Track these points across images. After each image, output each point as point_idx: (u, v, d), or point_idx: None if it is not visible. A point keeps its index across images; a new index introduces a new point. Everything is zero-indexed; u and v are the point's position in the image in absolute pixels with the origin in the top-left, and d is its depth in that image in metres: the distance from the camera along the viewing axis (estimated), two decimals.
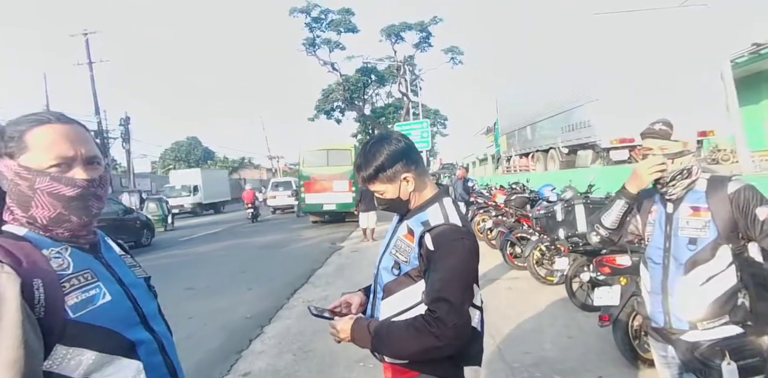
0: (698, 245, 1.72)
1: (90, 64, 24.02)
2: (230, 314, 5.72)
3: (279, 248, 11.48)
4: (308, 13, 32.85)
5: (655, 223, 1.86)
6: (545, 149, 14.58)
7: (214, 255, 11.05)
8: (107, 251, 1.10)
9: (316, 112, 37.74)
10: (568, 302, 5.06)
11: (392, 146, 1.42)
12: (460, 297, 1.27)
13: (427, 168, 1.52)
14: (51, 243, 0.96)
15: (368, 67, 36.04)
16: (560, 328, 4.49)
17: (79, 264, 0.97)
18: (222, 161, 59.99)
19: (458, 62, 36.38)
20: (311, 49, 34.22)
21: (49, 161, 0.96)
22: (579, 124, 11.61)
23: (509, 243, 7.17)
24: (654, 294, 1.84)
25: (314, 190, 15.83)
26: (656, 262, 1.83)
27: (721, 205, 1.70)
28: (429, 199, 1.45)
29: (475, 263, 1.33)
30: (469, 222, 1.47)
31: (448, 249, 1.29)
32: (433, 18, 34.47)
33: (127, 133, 26.63)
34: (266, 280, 7.66)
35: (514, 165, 18.65)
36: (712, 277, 1.70)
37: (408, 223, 1.45)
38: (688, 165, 1.77)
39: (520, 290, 6.00)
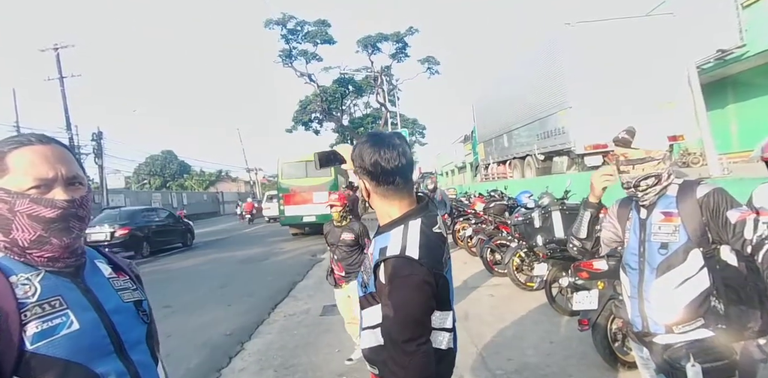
0: (669, 249, 1.75)
1: (61, 79, 23.51)
2: (210, 331, 5.60)
3: (259, 262, 11.33)
4: (284, 25, 32.93)
5: (631, 229, 1.90)
6: (522, 156, 14.78)
7: (192, 270, 10.83)
8: (92, 275, 1.06)
9: (294, 123, 37.70)
10: (549, 307, 5.10)
11: (369, 149, 1.34)
12: (409, 335, 1.24)
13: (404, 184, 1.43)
14: (22, 268, 0.95)
15: (345, 77, 36.21)
16: (542, 334, 4.52)
17: (49, 290, 0.94)
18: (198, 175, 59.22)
19: (435, 72, 36.84)
20: (288, 60, 34.26)
21: (29, 183, 0.95)
22: (554, 131, 11.81)
23: (489, 250, 7.22)
24: (632, 299, 1.87)
25: (294, 202, 15.72)
26: (633, 268, 1.86)
27: (690, 209, 1.74)
28: (396, 220, 1.38)
29: (424, 298, 1.25)
30: (438, 243, 1.37)
31: (397, 285, 1.25)
32: (408, 29, 34.90)
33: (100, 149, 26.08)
34: (246, 294, 7.54)
35: (492, 172, 18.84)
36: (684, 280, 1.73)
37: (376, 241, 1.41)
38: (654, 171, 1.80)
39: (501, 297, 6.03)
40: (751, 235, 1.63)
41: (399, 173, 1.34)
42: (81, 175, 1.03)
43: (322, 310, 6.10)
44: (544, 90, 12.16)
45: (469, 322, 5.05)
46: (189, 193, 47.87)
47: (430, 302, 1.28)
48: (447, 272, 1.39)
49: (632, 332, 1.92)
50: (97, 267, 1.10)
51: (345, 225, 4.36)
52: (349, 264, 4.26)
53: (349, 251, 4.27)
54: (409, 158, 1.36)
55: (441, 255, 1.35)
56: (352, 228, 4.30)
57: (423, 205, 1.42)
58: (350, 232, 4.26)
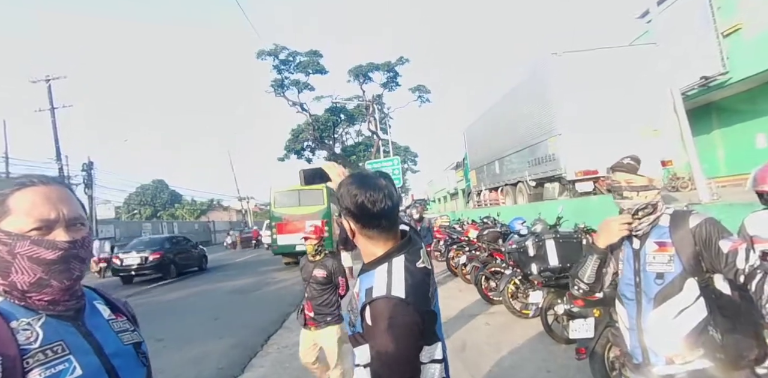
0: (665, 279, 1.76)
1: (52, 110, 23.57)
2: (202, 365, 5.47)
3: (251, 292, 11.16)
4: (276, 56, 33.53)
5: (624, 259, 1.91)
6: (514, 183, 14.90)
7: (184, 302, 10.64)
8: (92, 317, 1.05)
9: (286, 152, 37.89)
10: (545, 336, 5.05)
11: (355, 190, 1.32)
12: (397, 376, 1.24)
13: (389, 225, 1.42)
14: (23, 313, 0.93)
15: (337, 106, 36.72)
16: (539, 363, 4.46)
17: (51, 335, 0.92)
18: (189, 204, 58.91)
19: (425, 100, 37.51)
20: (280, 90, 34.75)
21: (30, 224, 0.94)
22: (544, 158, 11.97)
23: (484, 277, 7.18)
24: (630, 330, 1.86)
25: (286, 230, 15.62)
26: (629, 298, 1.86)
27: (684, 239, 1.76)
28: (380, 257, 1.37)
29: (411, 339, 1.26)
30: (424, 278, 1.37)
31: (383, 327, 1.24)
32: (399, 58, 35.70)
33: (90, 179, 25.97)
34: (239, 326, 7.40)
35: (484, 199, 18.93)
36: (682, 310, 1.73)
37: (360, 280, 1.40)
38: (653, 200, 1.83)
39: (498, 325, 5.97)
40: (743, 265, 1.65)
41: (384, 216, 1.33)
42: (82, 216, 1.03)
43: None
44: (534, 117, 12.40)
45: (466, 352, 4.98)
46: (180, 222, 47.49)
47: (417, 342, 1.28)
48: (434, 306, 1.39)
49: (631, 363, 1.91)
50: (96, 308, 1.09)
51: (318, 260, 4.06)
52: (319, 304, 3.95)
53: (320, 290, 3.96)
54: (395, 200, 1.34)
55: (427, 290, 1.35)
56: (325, 264, 3.98)
57: (406, 241, 1.41)
58: (323, 269, 3.97)
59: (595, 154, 10.25)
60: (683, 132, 6.41)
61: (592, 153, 10.24)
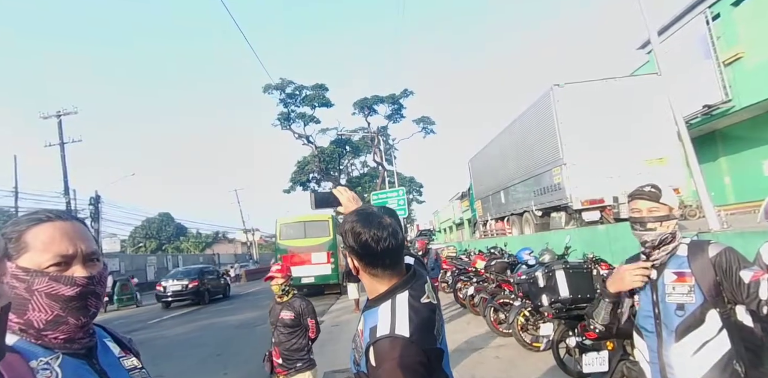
0: (686, 311, 1.70)
1: (62, 145, 23.97)
2: None
3: (255, 326, 10.96)
4: (282, 90, 34.27)
5: (642, 290, 1.85)
6: (520, 212, 14.84)
7: (185, 337, 10.45)
8: (104, 355, 1.02)
9: (292, 183, 38.17)
10: (557, 369, 4.89)
11: (358, 228, 1.31)
12: None
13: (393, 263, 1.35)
14: (41, 352, 0.90)
15: (343, 138, 37.18)
16: None
17: (69, 375, 0.90)
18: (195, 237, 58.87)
19: (430, 131, 37.91)
20: (286, 123, 35.33)
21: (49, 260, 0.92)
22: (550, 187, 11.96)
23: (493, 309, 7.04)
24: (652, 364, 1.79)
25: (292, 262, 15.51)
26: (649, 331, 1.80)
27: (704, 269, 1.71)
28: (383, 294, 1.34)
29: (416, 375, 1.21)
30: (429, 314, 1.33)
31: (388, 368, 1.21)
32: (404, 91, 36.39)
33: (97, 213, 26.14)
34: (242, 362, 7.22)
35: (490, 229, 18.83)
36: (705, 343, 1.67)
37: (364, 317, 1.38)
38: (673, 230, 1.80)
39: (508, 358, 5.80)
40: (766, 296, 1.59)
41: (388, 254, 1.31)
42: (98, 251, 1.02)
43: (323, 377, 5.82)
44: (538, 147, 12.48)
45: None
46: (184, 255, 47.35)
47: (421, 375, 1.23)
48: (441, 342, 1.35)
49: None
50: (107, 346, 1.07)
51: (285, 301, 3.81)
52: (287, 349, 3.72)
53: (288, 333, 3.72)
54: (399, 238, 1.32)
55: (433, 327, 1.31)
56: (293, 305, 3.72)
57: (410, 276, 1.37)
58: (290, 310, 3.74)
59: (600, 183, 10.23)
60: (689, 159, 6.39)
61: (598, 182, 10.23)
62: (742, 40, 11.23)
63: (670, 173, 9.94)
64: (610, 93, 10.77)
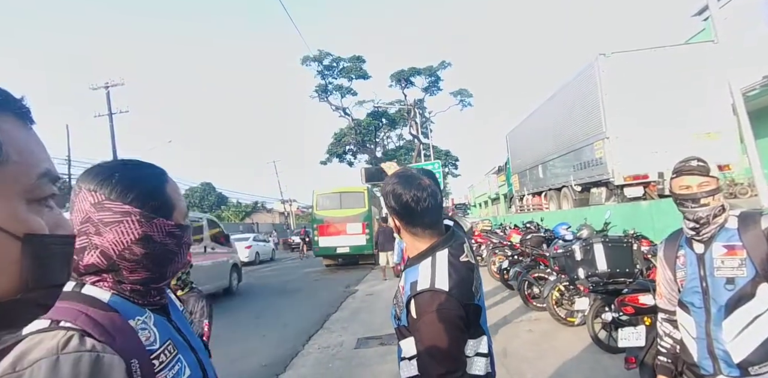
0: (736, 285, 1.66)
1: (110, 115, 24.76)
2: (244, 363, 5.59)
3: (293, 293, 11.35)
4: (320, 62, 34.17)
5: (687, 266, 1.80)
6: (558, 188, 14.55)
7: (226, 300, 10.92)
8: (174, 309, 1.00)
9: (329, 155, 38.42)
10: (591, 344, 4.88)
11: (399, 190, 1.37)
12: (444, 369, 1.25)
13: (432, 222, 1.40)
14: (136, 311, 0.85)
15: (379, 111, 36.97)
16: (586, 373, 4.32)
17: (163, 335, 0.86)
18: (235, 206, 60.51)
19: (467, 104, 37.25)
20: (323, 95, 35.37)
21: (183, 216, 0.93)
22: (591, 162, 11.63)
23: (527, 283, 7.02)
24: (699, 339, 1.76)
25: (328, 233, 15.84)
26: (697, 307, 1.76)
27: (756, 241, 1.65)
28: (423, 252, 1.40)
29: (456, 332, 1.28)
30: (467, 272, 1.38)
31: (428, 320, 1.27)
32: (441, 62, 35.66)
33: None
34: (280, 326, 7.53)
35: (527, 204, 18.57)
36: (756, 317, 1.64)
37: (405, 274, 1.44)
38: (722, 202, 1.74)
39: (541, 332, 5.81)
40: None
41: (428, 214, 1.37)
42: None
43: (357, 343, 6.02)
44: (580, 121, 12.08)
45: (508, 358, 4.87)
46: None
47: (463, 335, 1.30)
48: (479, 300, 1.40)
49: (692, 372, 1.81)
50: (173, 302, 1.04)
51: (180, 296, 3.34)
52: None
53: None
54: (438, 199, 1.38)
55: (471, 284, 1.37)
56: (187, 302, 3.06)
57: (449, 235, 1.43)
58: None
59: (645, 158, 9.86)
60: (744, 134, 6.08)
61: (642, 157, 9.86)
62: None
63: (721, 149, 9.48)
64: (660, 63, 10.22)
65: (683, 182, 1.78)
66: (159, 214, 0.87)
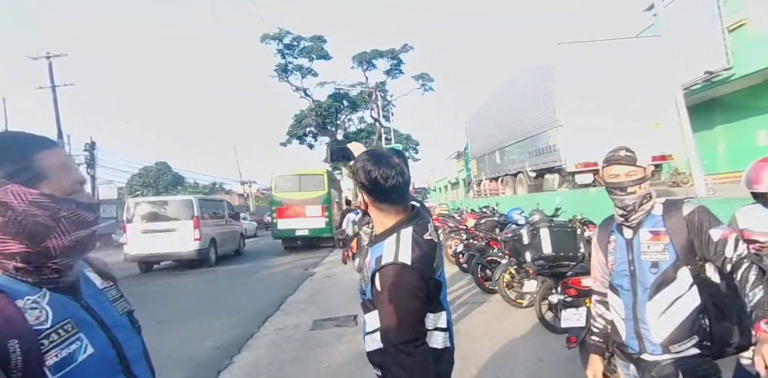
0: (660, 268, 1.77)
1: (53, 88, 23.41)
2: (197, 345, 5.55)
3: (249, 275, 11.26)
4: (280, 40, 33.28)
5: (617, 250, 1.90)
6: (514, 173, 14.91)
7: (180, 284, 10.73)
8: (87, 287, 0.98)
9: (289, 137, 37.82)
10: (539, 325, 5.10)
11: (369, 167, 1.43)
12: (406, 337, 1.34)
13: (399, 199, 1.48)
14: (27, 290, 0.84)
15: (340, 93, 36.51)
16: (531, 351, 4.52)
17: (59, 313, 0.86)
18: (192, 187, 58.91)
19: (429, 89, 37.24)
20: (283, 75, 34.59)
21: (69, 187, 0.89)
22: (545, 149, 11.96)
23: (480, 266, 7.22)
24: (626, 320, 1.86)
25: (286, 215, 15.72)
26: (626, 289, 1.86)
27: (678, 228, 1.77)
28: (389, 229, 1.48)
29: (417, 302, 1.36)
30: (429, 249, 1.46)
31: (392, 291, 1.35)
32: (403, 46, 35.40)
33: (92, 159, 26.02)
34: (236, 308, 7.48)
35: (484, 189, 18.96)
36: (676, 299, 1.75)
37: (371, 250, 1.51)
38: (648, 190, 1.85)
39: (492, 314, 6.03)
40: (732, 254, 1.68)
41: (396, 191, 1.44)
42: None
43: (313, 325, 6.07)
44: (536, 108, 12.35)
45: (459, 338, 4.98)
46: None
47: (423, 306, 1.38)
48: (440, 276, 1.49)
49: (620, 351, 1.92)
50: (88, 278, 1.03)
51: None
52: None
53: None
54: (406, 177, 1.46)
55: (432, 260, 1.45)
56: None
57: (414, 214, 1.52)
58: None
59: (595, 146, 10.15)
60: (683, 127, 6.41)
61: (593, 145, 10.19)
62: (746, 7, 10.89)
63: (665, 139, 9.93)
64: (611, 54, 10.55)
65: (612, 171, 1.88)
66: (18, 180, 0.83)
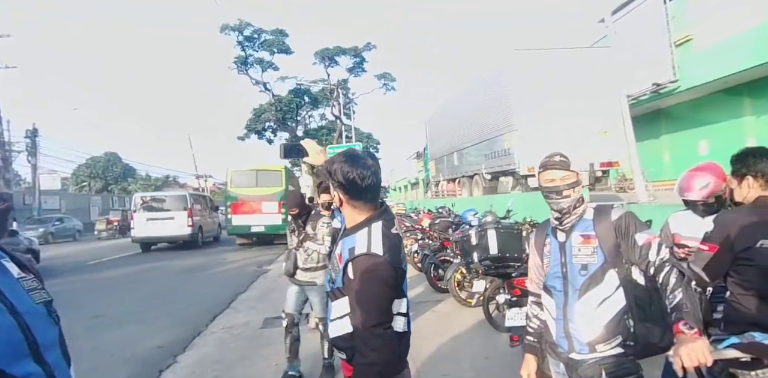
0: (589, 270, 1.84)
1: None
2: (140, 343, 5.37)
3: (200, 272, 10.99)
4: (240, 32, 32.60)
5: (551, 253, 1.97)
6: (470, 175, 15.15)
7: (126, 280, 10.36)
8: (2, 276, 1.04)
9: (247, 131, 37.07)
10: (486, 324, 5.23)
11: (346, 168, 1.55)
12: (376, 321, 1.46)
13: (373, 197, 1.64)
14: None
15: (301, 88, 36.14)
16: (478, 350, 4.63)
17: None
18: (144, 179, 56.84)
19: (391, 88, 37.38)
20: (243, 67, 33.90)
21: None
22: (501, 152, 12.22)
23: (433, 266, 7.32)
24: (557, 320, 1.92)
25: (242, 211, 15.44)
26: (558, 290, 1.92)
27: (606, 232, 1.84)
28: (361, 223, 1.60)
29: (387, 289, 1.50)
30: (397, 242, 1.60)
31: (365, 279, 1.47)
32: (367, 44, 35.37)
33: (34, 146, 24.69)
34: (183, 306, 7.29)
35: (442, 189, 19.18)
36: (603, 300, 1.81)
37: (343, 242, 1.62)
38: (581, 195, 1.92)
39: (442, 313, 6.13)
40: (655, 257, 1.76)
41: (370, 190, 1.59)
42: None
43: (263, 323, 6.00)
44: (493, 112, 12.60)
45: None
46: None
47: (392, 293, 1.52)
48: (405, 265, 1.63)
49: (552, 350, 1.98)
50: (5, 267, 1.08)
51: None
52: None
53: None
54: (379, 177, 1.61)
55: (399, 252, 1.60)
56: None
57: (383, 210, 1.65)
58: None
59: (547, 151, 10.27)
60: (627, 135, 6.70)
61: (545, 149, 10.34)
62: (693, 23, 11.49)
63: (614, 146, 10.31)
64: (565, 63, 10.89)
65: (547, 176, 1.94)
66: None
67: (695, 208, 2.78)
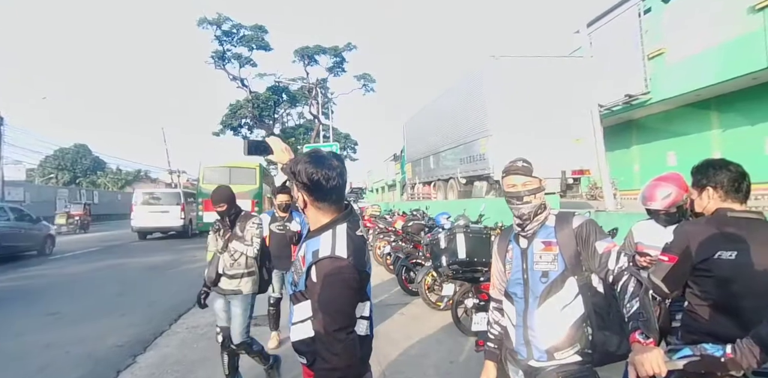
0: (549, 278, 1.83)
1: None
2: (98, 342, 5.18)
3: (165, 270, 10.72)
4: (219, 26, 32.14)
5: (513, 259, 1.95)
6: (446, 178, 15.25)
7: (87, 276, 10.02)
8: None
9: (223, 127, 36.55)
10: (454, 328, 5.23)
11: (311, 169, 1.51)
12: (339, 325, 1.43)
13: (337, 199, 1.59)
14: None
15: (280, 86, 35.81)
16: (444, 353, 4.62)
17: None
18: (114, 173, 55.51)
19: (370, 89, 37.34)
20: (220, 62, 33.44)
21: None
22: (476, 157, 12.33)
23: (405, 268, 7.31)
24: (517, 327, 1.91)
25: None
26: (519, 297, 1.91)
27: (567, 239, 1.84)
28: (325, 225, 1.56)
29: (351, 292, 1.46)
30: (362, 244, 1.57)
31: (328, 282, 1.44)
32: (347, 44, 35.27)
33: None
34: (146, 304, 7.09)
35: (417, 192, 19.26)
36: (563, 308, 1.81)
37: (306, 244, 1.59)
38: (543, 201, 1.92)
39: (411, 316, 6.11)
40: (614, 266, 1.76)
41: (335, 192, 1.55)
42: None
43: None
44: (469, 117, 12.71)
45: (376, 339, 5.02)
46: (101, 191, 44.74)
47: (356, 296, 1.49)
48: (369, 268, 1.61)
49: (511, 356, 1.97)
50: None
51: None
52: None
53: None
54: (344, 178, 1.57)
55: (364, 254, 1.57)
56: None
57: (348, 212, 1.62)
58: None
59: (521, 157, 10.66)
60: (597, 144, 6.83)
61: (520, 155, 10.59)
62: (666, 36, 11.82)
63: (585, 155, 10.48)
64: (542, 70, 11.07)
65: (510, 181, 1.95)
66: None
67: (657, 218, 2.82)
